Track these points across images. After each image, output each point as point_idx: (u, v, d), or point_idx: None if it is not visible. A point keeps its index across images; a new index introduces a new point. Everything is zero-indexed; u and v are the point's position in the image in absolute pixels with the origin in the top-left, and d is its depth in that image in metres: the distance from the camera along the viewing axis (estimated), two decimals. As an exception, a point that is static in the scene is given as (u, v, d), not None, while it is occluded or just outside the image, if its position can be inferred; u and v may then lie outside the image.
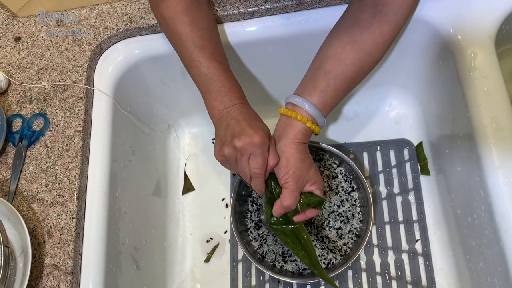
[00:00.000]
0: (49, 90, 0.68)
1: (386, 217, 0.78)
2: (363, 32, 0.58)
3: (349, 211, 0.76)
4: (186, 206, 0.86)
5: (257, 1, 0.68)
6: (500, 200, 0.56)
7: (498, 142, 0.59)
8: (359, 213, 0.75)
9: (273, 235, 0.76)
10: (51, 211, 0.61)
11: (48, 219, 0.61)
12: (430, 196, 0.78)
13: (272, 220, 0.61)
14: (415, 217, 0.77)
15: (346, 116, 0.87)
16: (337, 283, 0.75)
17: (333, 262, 0.73)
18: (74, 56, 0.70)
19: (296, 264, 0.74)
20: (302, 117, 0.56)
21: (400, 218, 0.78)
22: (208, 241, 0.83)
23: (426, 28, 0.67)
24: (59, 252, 0.59)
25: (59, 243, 0.59)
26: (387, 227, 0.78)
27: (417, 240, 0.76)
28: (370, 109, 0.86)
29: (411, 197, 0.79)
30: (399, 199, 0.79)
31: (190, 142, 0.90)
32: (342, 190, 0.77)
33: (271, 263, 0.75)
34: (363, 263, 0.76)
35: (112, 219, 0.65)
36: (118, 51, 0.72)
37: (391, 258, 0.76)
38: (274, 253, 0.75)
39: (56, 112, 0.67)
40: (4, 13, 0.75)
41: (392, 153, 0.82)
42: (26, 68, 0.70)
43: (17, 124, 0.67)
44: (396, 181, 0.80)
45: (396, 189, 0.80)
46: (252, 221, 0.78)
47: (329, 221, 0.76)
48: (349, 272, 0.76)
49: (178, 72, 0.79)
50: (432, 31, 0.67)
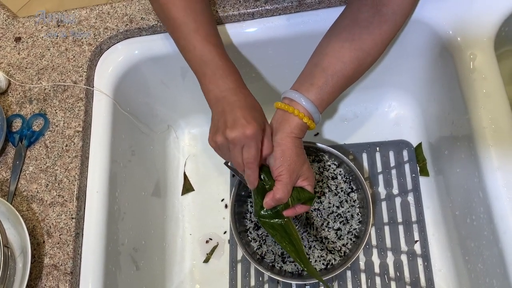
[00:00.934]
0: (49, 91, 0.68)
1: (385, 218, 0.78)
2: (362, 31, 0.58)
3: (348, 212, 0.76)
4: (186, 207, 0.86)
5: (257, 2, 0.69)
6: (499, 202, 0.57)
7: (497, 144, 0.59)
8: (358, 214, 0.75)
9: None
10: (51, 211, 0.61)
11: (48, 219, 0.61)
12: (429, 197, 0.78)
13: (262, 213, 0.60)
14: (414, 218, 0.77)
15: (346, 117, 0.87)
16: (336, 284, 0.75)
17: (332, 263, 0.73)
18: (74, 57, 0.70)
19: (295, 265, 0.74)
20: (299, 112, 0.57)
21: (399, 219, 0.78)
22: (208, 242, 0.83)
23: (426, 30, 0.68)
24: (59, 252, 0.59)
25: (59, 243, 0.59)
26: (386, 228, 0.78)
27: (416, 241, 0.76)
28: (370, 110, 0.87)
29: (410, 198, 0.79)
30: (398, 200, 0.79)
31: (190, 143, 0.90)
32: (342, 191, 0.77)
33: (270, 264, 0.75)
34: (362, 264, 0.76)
35: (112, 220, 0.65)
36: (118, 52, 0.72)
37: (390, 259, 0.76)
38: (273, 254, 0.75)
39: (56, 112, 0.67)
40: (4, 13, 0.75)
41: (392, 154, 0.82)
42: (26, 68, 0.70)
43: (17, 124, 0.67)
44: (395, 182, 0.80)
45: (395, 190, 0.80)
46: (252, 222, 0.78)
47: (328, 222, 0.76)
48: (348, 273, 0.76)
49: (178, 73, 0.79)
50: (432, 33, 0.67)
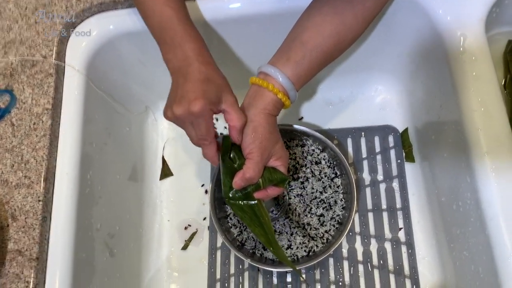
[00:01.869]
0: (16, 65, 0.64)
1: (369, 205, 0.76)
2: (345, 6, 0.55)
3: (332, 198, 0.73)
4: (164, 192, 0.83)
5: (240, -24, 0.65)
6: (487, 187, 0.55)
7: (486, 127, 0.57)
8: (342, 200, 0.73)
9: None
10: (16, 193, 0.57)
11: (13, 202, 0.57)
12: (415, 184, 0.76)
13: (231, 194, 0.57)
14: (399, 205, 0.76)
15: (331, 101, 0.85)
16: (318, 272, 0.73)
17: (314, 250, 0.71)
18: (44, 30, 0.65)
19: (277, 252, 0.71)
20: (274, 88, 0.54)
21: (384, 206, 0.76)
22: (186, 228, 0.80)
23: (414, 8, 0.65)
24: (24, 237, 0.55)
25: (24, 227, 0.56)
26: (370, 215, 0.76)
27: (401, 229, 0.74)
28: (355, 95, 0.84)
29: (395, 185, 0.77)
30: (383, 187, 0.77)
31: (169, 126, 0.87)
32: (325, 176, 0.75)
33: (251, 251, 0.72)
34: (345, 251, 0.74)
35: (83, 203, 0.61)
36: (92, 26, 0.68)
37: (374, 247, 0.74)
38: (254, 241, 0.73)
39: (24, 89, 0.62)
40: (-31, -18, 0.70)
41: (377, 140, 0.80)
42: (-8, 41, 0.65)
43: (-19, 101, 0.62)
44: (380, 168, 0.78)
45: (380, 176, 0.78)
46: (232, 208, 0.75)
47: (311, 208, 0.73)
48: (331, 260, 0.74)
49: (157, 51, 0.75)
50: (421, 12, 0.65)
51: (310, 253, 0.71)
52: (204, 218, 0.80)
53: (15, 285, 0.54)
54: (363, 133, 0.81)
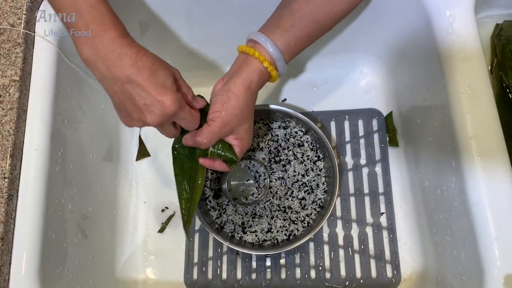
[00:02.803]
0: (-18, 33, 0.59)
1: (351, 189, 0.75)
2: None
3: (314, 181, 0.72)
4: (140, 173, 0.80)
5: None
6: (472, 171, 0.54)
7: (473, 110, 0.56)
8: (324, 184, 0.72)
9: (233, 205, 0.72)
10: (-20, 170, 0.53)
11: (-24, 179, 0.53)
12: (398, 168, 0.75)
13: (178, 147, 0.56)
14: (381, 190, 0.74)
15: (315, 83, 0.82)
16: (298, 256, 0.71)
17: (295, 234, 0.69)
18: (13, -4, 0.61)
19: (256, 236, 0.70)
20: (260, 55, 0.51)
21: (366, 190, 0.75)
22: (163, 210, 0.77)
23: (405, -13, 0.63)
24: (-12, 216, 0.52)
25: (-12, 206, 0.52)
26: (352, 199, 0.74)
27: (382, 213, 0.73)
28: (340, 76, 0.82)
29: (378, 169, 0.76)
30: (366, 171, 0.76)
31: (147, 104, 0.83)
32: (308, 159, 0.73)
33: (230, 234, 0.70)
34: (326, 236, 0.73)
35: (53, 182, 0.58)
36: (65, -6, 0.64)
37: (355, 231, 0.73)
38: (234, 224, 0.71)
39: (-11, 59, 0.58)
40: None
41: (361, 123, 0.78)
42: (-45, 7, 0.61)
43: None
44: (364, 152, 0.77)
45: (363, 160, 0.76)
46: (212, 190, 0.73)
47: (293, 191, 0.72)
48: (311, 244, 0.72)
49: (136, 28, 0.72)
50: (411, -10, 0.63)
51: (291, 237, 0.69)
52: (182, 201, 0.77)
53: (-22, 267, 0.51)
54: (347, 116, 0.79)
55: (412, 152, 0.72)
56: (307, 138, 0.74)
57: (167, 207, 0.77)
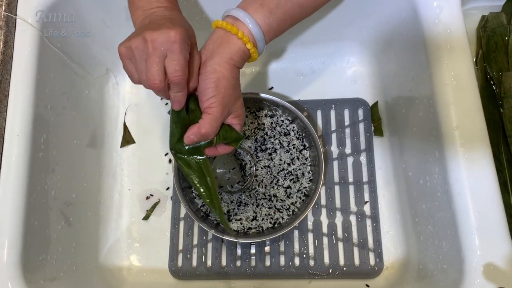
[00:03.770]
0: (-39, 15, 0.58)
1: (336, 178, 0.76)
2: None
3: (299, 170, 0.72)
4: (125, 160, 0.79)
5: None
6: (456, 162, 0.54)
7: (458, 102, 0.56)
8: (309, 172, 0.72)
9: (219, 193, 0.72)
10: (-41, 155, 0.52)
11: (-45, 164, 0.52)
12: (382, 158, 0.76)
13: (178, 147, 0.52)
14: (366, 179, 0.75)
15: (302, 72, 0.82)
16: (283, 243, 0.72)
17: (280, 222, 0.70)
18: (-7, -23, 0.59)
19: (241, 223, 0.70)
20: (244, 36, 0.49)
21: (350, 179, 0.75)
22: (148, 198, 0.77)
23: (393, -23, 0.63)
24: (-32, 202, 0.51)
25: (-32, 192, 0.51)
26: (337, 188, 0.75)
27: (366, 202, 0.74)
28: (327, 66, 0.82)
29: (363, 158, 0.76)
30: (351, 160, 0.76)
31: (131, 90, 0.82)
32: (294, 148, 0.73)
33: (215, 222, 0.70)
34: (310, 224, 0.73)
35: (35, 168, 0.57)
36: (48, -24, 0.62)
37: (339, 219, 0.73)
38: (219, 212, 0.71)
39: (-31, 41, 0.57)
40: None
41: (347, 112, 0.79)
42: None
43: None
44: (349, 142, 0.77)
45: (348, 150, 0.77)
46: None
47: (278, 180, 0.72)
48: (296, 232, 0.73)
49: (122, 11, 0.70)
50: (399, -20, 0.63)
51: (276, 225, 0.70)
52: (167, 188, 0.77)
53: (-42, 254, 0.50)
54: (333, 106, 0.79)
55: (397, 142, 0.73)
56: (294, 127, 0.74)
57: (152, 195, 0.77)
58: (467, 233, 0.52)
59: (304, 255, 0.71)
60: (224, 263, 0.72)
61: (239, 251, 0.72)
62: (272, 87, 0.81)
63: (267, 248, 0.72)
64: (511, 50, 0.69)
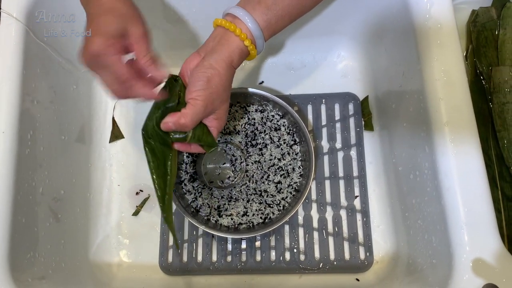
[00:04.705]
0: None
1: (327, 172, 0.76)
2: None
3: (290, 165, 0.72)
4: (114, 155, 0.78)
5: None
6: (445, 157, 0.55)
7: (448, 97, 0.56)
8: (300, 168, 0.72)
9: (209, 189, 0.71)
10: None
11: None
12: (372, 153, 0.76)
13: (150, 130, 0.51)
14: (356, 173, 0.75)
15: (293, 66, 0.82)
16: (273, 239, 0.72)
17: (271, 217, 0.70)
18: (-24, -31, 0.58)
19: (232, 219, 0.70)
20: (242, 33, 0.49)
21: (341, 174, 0.75)
22: (138, 193, 0.76)
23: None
24: (-47, 201, 0.50)
25: (-47, 190, 0.50)
26: (327, 183, 0.75)
27: (356, 197, 0.74)
28: (318, 60, 0.82)
29: (353, 153, 0.76)
30: (341, 155, 0.76)
31: (121, 85, 0.81)
32: (284, 143, 0.73)
33: (206, 217, 0.70)
34: (301, 218, 0.73)
35: (22, 165, 0.56)
36: (33, -32, 0.61)
37: (329, 214, 0.74)
38: (209, 207, 0.70)
39: (-48, 36, 0.55)
40: None
41: (337, 107, 0.79)
42: None
43: None
44: (339, 136, 0.77)
45: (339, 144, 0.77)
46: (187, 173, 0.72)
47: (269, 175, 0.72)
48: (286, 227, 0.73)
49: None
50: (390, -26, 0.62)
51: (266, 220, 0.70)
52: (157, 183, 0.76)
53: None
54: (324, 100, 0.79)
55: (387, 137, 0.73)
56: (284, 122, 0.73)
57: (142, 190, 0.76)
58: (456, 228, 0.52)
59: (295, 250, 0.71)
60: (215, 259, 0.72)
61: (230, 247, 0.72)
62: (263, 82, 0.81)
63: (258, 243, 0.72)
64: (501, 45, 0.69)
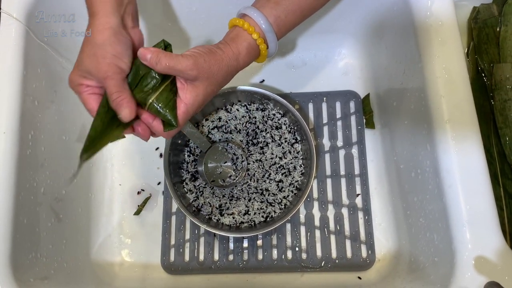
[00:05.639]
0: None
1: (328, 171, 0.75)
2: None
3: (291, 164, 0.72)
4: (115, 155, 0.78)
5: None
6: (447, 154, 0.54)
7: (449, 95, 0.56)
8: (301, 166, 0.72)
9: (210, 188, 0.71)
10: None
11: None
12: (374, 150, 0.76)
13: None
14: (357, 171, 0.75)
15: (293, 64, 0.82)
16: (275, 237, 0.72)
17: (272, 216, 0.70)
18: (-24, -30, 0.58)
19: (233, 218, 0.70)
20: (249, 26, 0.50)
21: (342, 172, 0.75)
22: (139, 193, 0.76)
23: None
24: (-45, 202, 0.50)
25: (-45, 191, 0.50)
26: (329, 181, 0.75)
27: (358, 195, 0.74)
28: (319, 58, 0.81)
29: (354, 151, 0.76)
30: (342, 153, 0.76)
31: (121, 84, 0.81)
32: (285, 142, 0.73)
33: (207, 216, 0.70)
34: (302, 217, 0.73)
35: (23, 165, 0.56)
36: (33, -32, 0.61)
37: (331, 212, 0.73)
38: (211, 206, 0.70)
39: (-48, 36, 0.55)
40: None
41: (338, 105, 0.78)
42: None
43: None
44: (340, 134, 0.77)
45: (340, 142, 0.77)
46: (188, 172, 0.72)
47: (270, 174, 0.72)
48: (288, 226, 0.73)
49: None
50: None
51: (268, 219, 0.70)
52: (159, 183, 0.76)
53: None
54: (325, 98, 0.79)
55: (388, 135, 0.73)
56: (285, 121, 0.73)
57: (143, 189, 0.76)
58: (458, 226, 0.52)
59: (297, 248, 0.71)
60: (217, 257, 0.72)
61: (232, 245, 0.72)
62: (264, 80, 0.81)
63: (260, 242, 0.72)
64: (502, 42, 0.68)
